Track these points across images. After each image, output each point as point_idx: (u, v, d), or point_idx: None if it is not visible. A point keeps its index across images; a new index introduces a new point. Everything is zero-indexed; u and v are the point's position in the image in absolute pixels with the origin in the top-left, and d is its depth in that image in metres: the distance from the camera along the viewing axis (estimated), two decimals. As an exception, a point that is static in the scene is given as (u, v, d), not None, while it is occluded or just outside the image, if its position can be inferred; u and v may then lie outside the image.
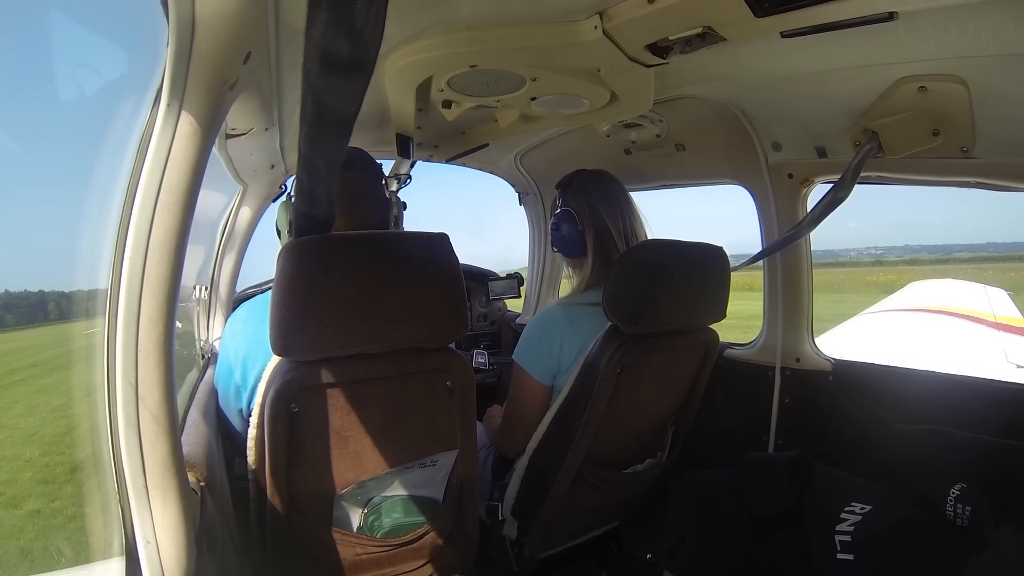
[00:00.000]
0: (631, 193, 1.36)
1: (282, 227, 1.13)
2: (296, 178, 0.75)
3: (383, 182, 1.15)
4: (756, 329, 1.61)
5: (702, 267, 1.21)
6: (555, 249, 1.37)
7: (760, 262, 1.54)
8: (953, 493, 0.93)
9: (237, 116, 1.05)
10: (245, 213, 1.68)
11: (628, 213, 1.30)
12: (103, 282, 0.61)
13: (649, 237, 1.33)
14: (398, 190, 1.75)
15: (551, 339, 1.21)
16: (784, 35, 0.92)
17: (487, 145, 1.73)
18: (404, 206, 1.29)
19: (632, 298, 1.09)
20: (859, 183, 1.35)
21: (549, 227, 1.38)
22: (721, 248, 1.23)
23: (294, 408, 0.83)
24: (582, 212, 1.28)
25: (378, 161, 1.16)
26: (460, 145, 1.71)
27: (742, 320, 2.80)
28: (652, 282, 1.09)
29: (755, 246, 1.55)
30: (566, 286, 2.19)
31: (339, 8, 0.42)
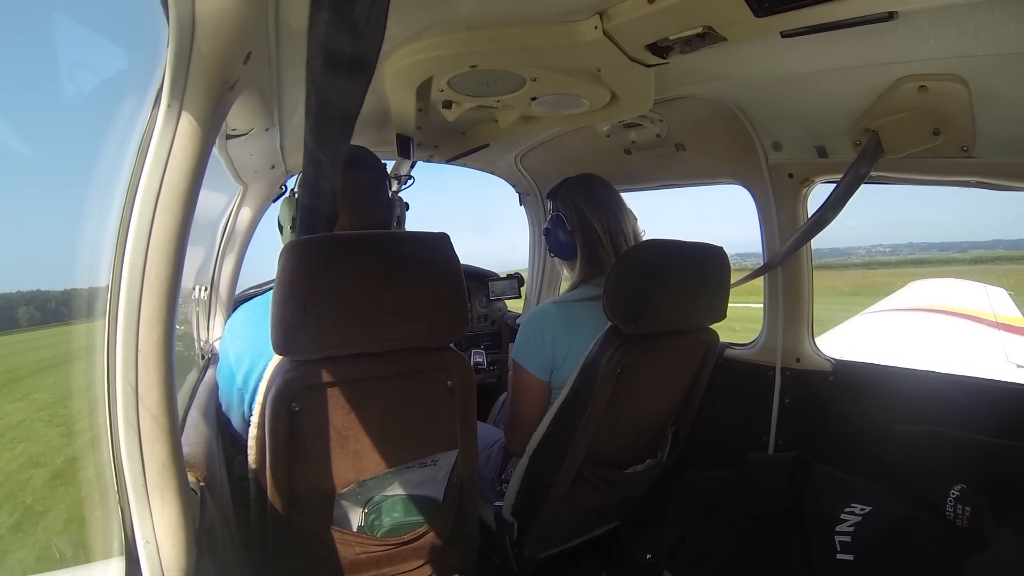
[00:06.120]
0: (630, 192, 1.37)
1: (284, 223, 1.12)
2: (302, 172, 0.76)
3: (387, 182, 1.15)
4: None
5: (701, 267, 1.21)
6: (552, 254, 1.46)
7: (760, 261, 1.54)
8: (953, 494, 0.93)
9: (237, 116, 1.05)
10: (245, 213, 1.68)
11: (613, 212, 1.35)
12: (103, 282, 0.61)
13: (641, 231, 1.39)
14: (400, 190, 1.75)
15: (544, 335, 1.25)
16: (784, 35, 0.92)
17: (487, 145, 1.73)
18: (407, 206, 1.29)
19: (632, 298, 1.09)
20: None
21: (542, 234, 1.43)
22: (721, 248, 1.23)
23: (295, 407, 0.83)
24: (569, 216, 1.35)
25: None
26: (460, 145, 1.71)
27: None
28: (652, 282, 1.09)
29: (755, 246, 1.55)
30: (566, 287, 2.20)
31: (341, 8, 0.42)
